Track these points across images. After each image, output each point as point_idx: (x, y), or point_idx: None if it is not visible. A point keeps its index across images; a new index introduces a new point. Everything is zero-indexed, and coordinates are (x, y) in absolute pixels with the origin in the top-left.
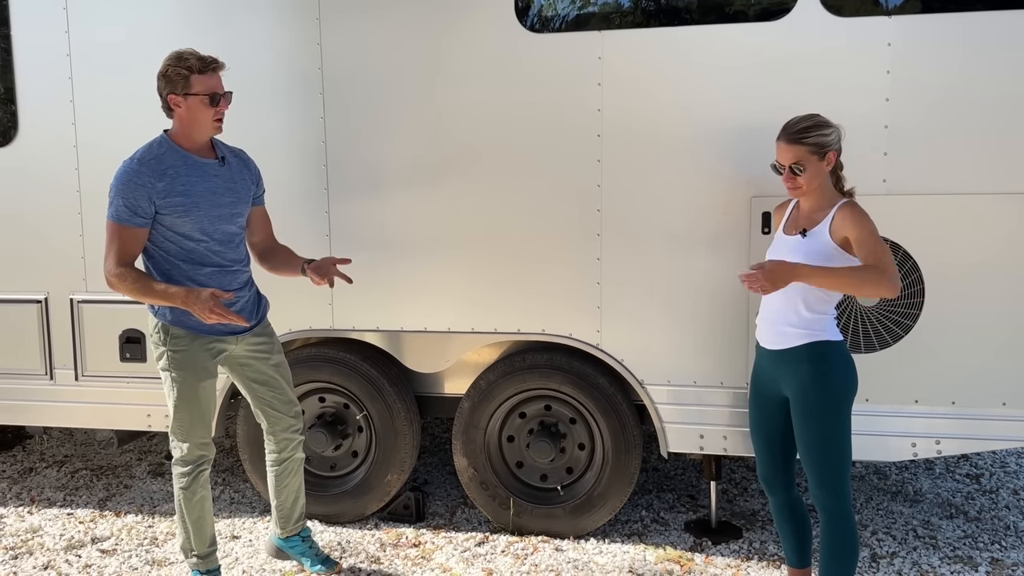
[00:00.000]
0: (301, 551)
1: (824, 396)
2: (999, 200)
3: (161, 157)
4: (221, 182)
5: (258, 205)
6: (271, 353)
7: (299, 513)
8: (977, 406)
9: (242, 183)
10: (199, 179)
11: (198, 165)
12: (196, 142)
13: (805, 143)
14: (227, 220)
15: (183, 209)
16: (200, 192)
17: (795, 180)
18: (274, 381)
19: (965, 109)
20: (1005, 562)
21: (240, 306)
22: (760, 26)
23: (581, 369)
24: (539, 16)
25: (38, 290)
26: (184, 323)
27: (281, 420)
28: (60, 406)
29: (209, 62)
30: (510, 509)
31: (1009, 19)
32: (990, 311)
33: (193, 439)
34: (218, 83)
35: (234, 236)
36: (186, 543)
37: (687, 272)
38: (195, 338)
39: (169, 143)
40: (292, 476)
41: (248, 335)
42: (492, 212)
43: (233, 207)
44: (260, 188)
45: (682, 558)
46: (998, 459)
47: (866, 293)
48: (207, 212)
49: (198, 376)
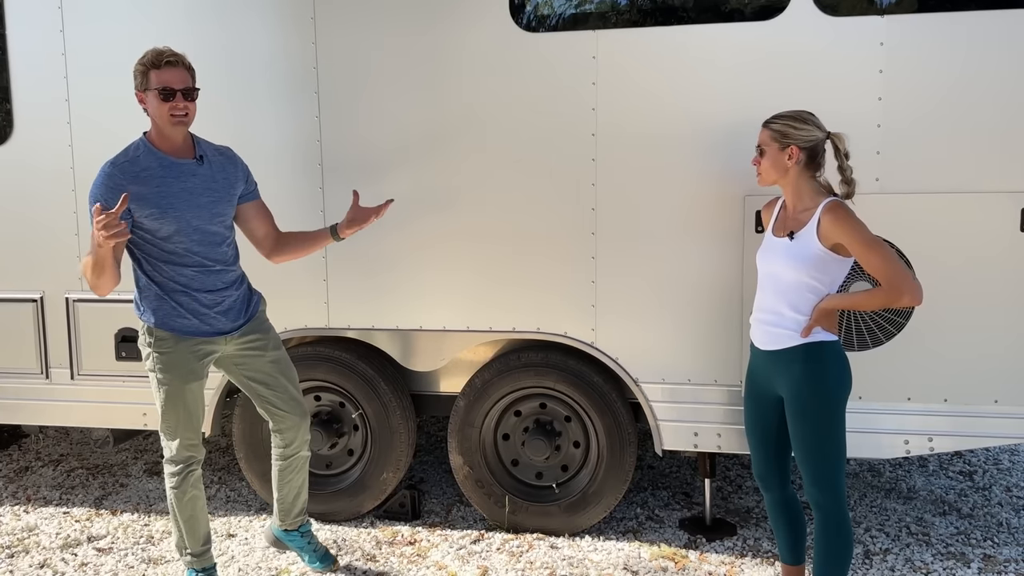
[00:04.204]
0: (299, 545)
1: (818, 395)
2: (992, 199)
3: (136, 159)
4: (199, 181)
5: (251, 200)
6: (266, 350)
7: (300, 509)
8: (970, 403)
9: (224, 182)
10: (175, 180)
11: (174, 166)
12: (169, 140)
13: (770, 127)
14: (206, 220)
15: (159, 211)
16: (175, 193)
17: (759, 163)
18: (272, 379)
19: (958, 108)
20: (997, 558)
21: (227, 305)
22: (754, 25)
23: (576, 367)
24: (534, 15)
25: (34, 289)
26: (168, 325)
27: (286, 418)
28: (56, 405)
29: (164, 55)
30: (505, 507)
31: (1003, 19)
32: (983, 309)
33: (181, 439)
34: (173, 78)
35: (215, 236)
36: (180, 541)
37: (682, 270)
38: (180, 340)
39: (146, 145)
40: (296, 472)
41: (237, 334)
42: (487, 210)
43: (213, 207)
44: (250, 184)
45: (677, 555)
46: (991, 456)
47: (894, 306)
48: (183, 212)
49: (184, 378)
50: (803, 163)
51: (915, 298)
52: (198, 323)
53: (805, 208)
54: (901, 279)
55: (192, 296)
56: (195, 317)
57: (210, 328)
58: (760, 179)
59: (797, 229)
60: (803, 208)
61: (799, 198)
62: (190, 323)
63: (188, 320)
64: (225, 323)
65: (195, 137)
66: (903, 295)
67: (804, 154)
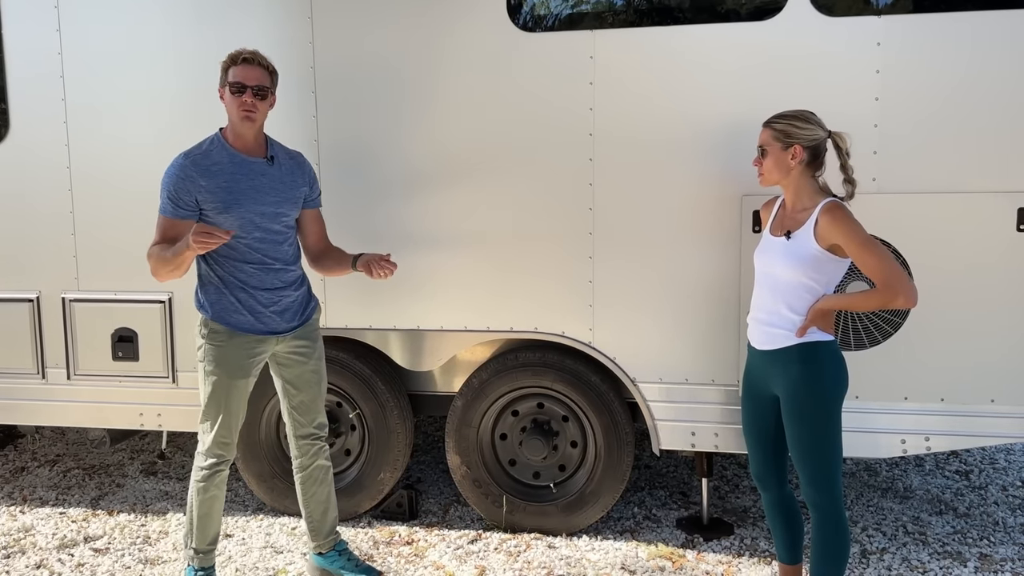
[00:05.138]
0: (341, 565)
1: (815, 396)
2: (988, 198)
3: (208, 153)
4: (267, 181)
5: (311, 208)
6: (310, 358)
7: (330, 526)
8: (966, 403)
9: (291, 184)
10: (244, 176)
11: (244, 163)
12: (242, 138)
13: (772, 127)
14: (270, 219)
15: (223, 205)
16: (243, 190)
17: (760, 163)
18: (306, 387)
19: (954, 108)
20: (994, 557)
21: (284, 305)
22: (751, 25)
23: (573, 367)
24: (531, 15)
25: (30, 289)
26: (224, 319)
27: (301, 427)
28: (52, 405)
29: (242, 53)
30: (503, 507)
31: (999, 19)
32: (980, 309)
33: (216, 435)
34: (247, 75)
35: (277, 234)
36: (188, 534)
37: (679, 270)
38: (233, 335)
39: (220, 140)
40: (318, 485)
41: (290, 336)
42: (484, 211)
43: (277, 206)
44: (314, 191)
45: (674, 555)
46: (987, 456)
47: (889, 307)
48: (248, 209)
49: (231, 373)
50: (806, 163)
51: (910, 300)
52: (253, 320)
53: (804, 208)
54: (896, 281)
55: (250, 293)
56: (251, 314)
57: (264, 327)
58: (762, 180)
59: (795, 229)
60: (802, 208)
61: (799, 198)
62: (245, 320)
63: (244, 317)
64: (279, 323)
65: (269, 138)
66: (898, 296)
67: (807, 153)
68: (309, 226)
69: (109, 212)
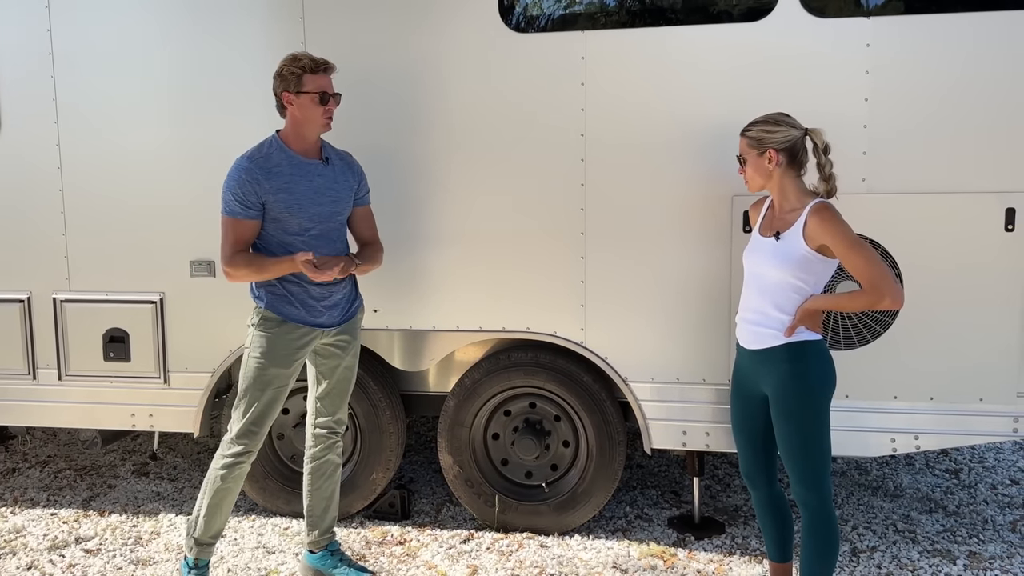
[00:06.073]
0: (333, 565)
1: (803, 395)
2: (978, 199)
3: (269, 156)
4: (323, 182)
5: (361, 205)
6: (347, 353)
7: (328, 524)
8: (955, 402)
9: (344, 184)
10: (302, 178)
11: (303, 165)
12: (304, 141)
13: (746, 135)
14: (326, 218)
15: (285, 206)
16: (302, 191)
17: (743, 172)
18: (337, 382)
19: (944, 109)
20: (983, 555)
21: (334, 300)
22: (742, 27)
23: (565, 367)
24: (523, 16)
25: (20, 289)
26: (277, 309)
27: (323, 418)
28: (43, 406)
29: (320, 63)
30: (495, 506)
31: (988, 20)
32: (969, 308)
33: (246, 422)
34: (328, 83)
35: (331, 232)
36: (192, 521)
37: (670, 270)
38: (283, 324)
39: (278, 143)
40: (325, 479)
41: (335, 330)
42: (476, 211)
43: (333, 206)
44: (363, 188)
45: (665, 553)
46: (976, 454)
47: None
48: (307, 209)
49: (276, 362)
50: (784, 164)
51: (896, 301)
52: (304, 313)
53: (792, 208)
54: (883, 282)
55: (303, 287)
56: (303, 307)
57: (314, 320)
58: (748, 187)
59: (783, 229)
60: (790, 208)
61: (785, 199)
62: (297, 312)
63: (296, 309)
64: (329, 318)
65: (322, 140)
66: (884, 298)
67: (783, 155)
68: (359, 223)
69: (100, 212)
